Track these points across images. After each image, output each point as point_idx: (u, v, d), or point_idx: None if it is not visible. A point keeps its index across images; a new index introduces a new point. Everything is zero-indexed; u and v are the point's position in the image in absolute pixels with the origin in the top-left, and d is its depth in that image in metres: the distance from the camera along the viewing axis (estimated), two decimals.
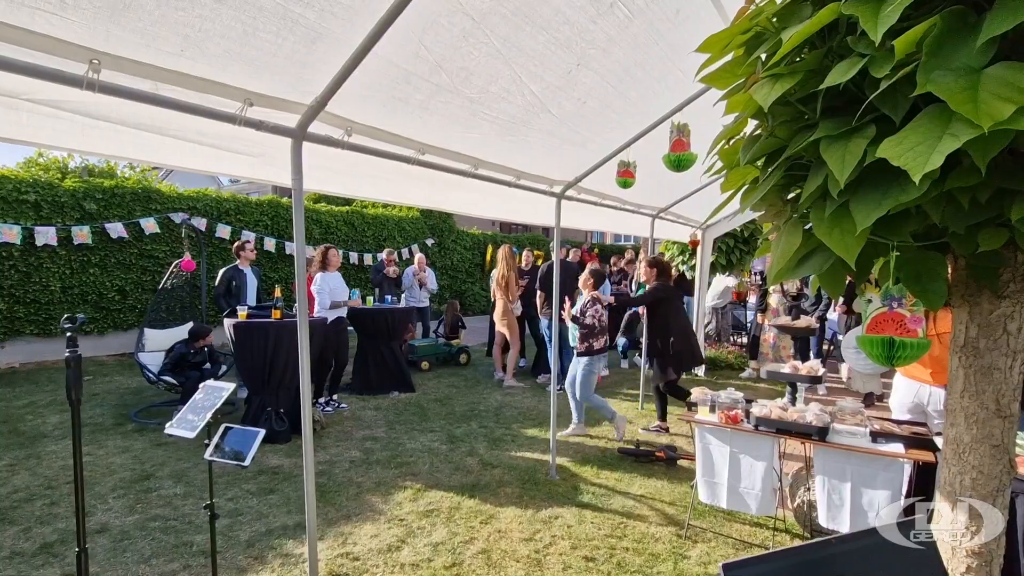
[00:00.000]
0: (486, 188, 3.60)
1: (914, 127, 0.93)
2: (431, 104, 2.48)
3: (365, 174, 3.09)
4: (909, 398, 3.03)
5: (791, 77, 1.15)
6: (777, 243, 1.31)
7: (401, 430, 5.20)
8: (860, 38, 1.06)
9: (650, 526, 3.40)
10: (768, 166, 1.36)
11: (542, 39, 2.24)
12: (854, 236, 1.08)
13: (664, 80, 2.87)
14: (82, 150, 2.04)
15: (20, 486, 3.79)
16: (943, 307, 1.29)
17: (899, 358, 1.28)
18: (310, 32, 1.84)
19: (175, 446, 4.56)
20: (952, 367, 1.37)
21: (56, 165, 9.58)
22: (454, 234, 14.60)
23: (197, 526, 3.28)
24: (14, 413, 5.52)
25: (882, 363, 1.33)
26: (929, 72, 0.90)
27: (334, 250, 6.15)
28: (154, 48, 1.70)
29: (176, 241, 8.86)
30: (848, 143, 1.06)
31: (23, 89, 1.71)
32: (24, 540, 3.10)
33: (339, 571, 2.86)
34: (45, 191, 7.79)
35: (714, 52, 1.42)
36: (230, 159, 2.53)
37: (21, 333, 7.73)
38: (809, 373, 3.42)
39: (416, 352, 7.85)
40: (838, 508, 2.81)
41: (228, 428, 2.36)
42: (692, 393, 3.42)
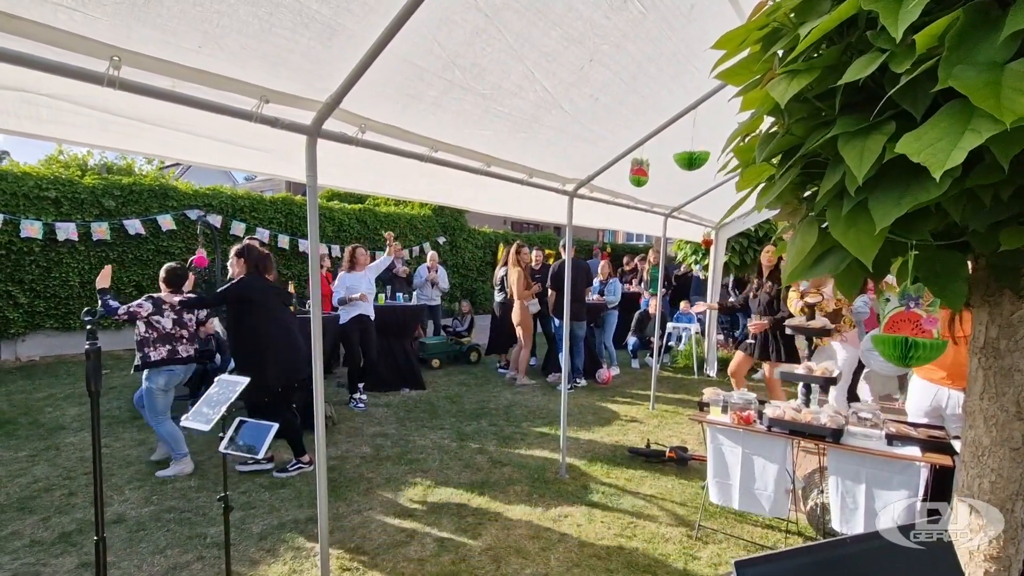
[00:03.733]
0: (498, 186, 3.60)
1: (934, 123, 0.91)
2: (444, 101, 2.49)
3: (378, 170, 3.10)
4: (927, 401, 2.98)
5: (809, 73, 1.14)
6: (793, 242, 1.30)
7: (411, 427, 5.23)
8: (880, 33, 1.04)
9: (660, 526, 3.39)
10: (784, 164, 1.35)
11: (555, 35, 2.24)
12: (872, 236, 1.06)
13: (678, 77, 2.85)
14: (101, 145, 2.08)
15: (40, 476, 3.87)
16: (963, 308, 1.27)
17: (914, 358, 1.26)
18: (326, 28, 1.85)
19: (189, 439, 4.61)
20: (971, 368, 1.35)
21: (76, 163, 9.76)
22: (465, 232, 14.63)
23: (211, 518, 3.32)
24: (34, 405, 5.64)
25: (896, 363, 1.31)
26: (951, 67, 0.88)
27: (361, 249, 6.08)
28: (173, 44, 1.72)
29: (192, 238, 8.99)
30: (866, 140, 1.05)
31: (44, 85, 1.74)
32: (43, 529, 3.17)
33: (349, 565, 2.89)
34: (65, 188, 7.94)
35: (730, 48, 1.41)
36: (245, 155, 2.56)
37: (41, 327, 7.89)
38: (824, 374, 3.38)
39: (427, 350, 7.89)
40: (852, 511, 2.78)
41: (242, 422, 2.39)
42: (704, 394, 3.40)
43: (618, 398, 6.50)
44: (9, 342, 7.77)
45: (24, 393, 6.12)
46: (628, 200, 4.78)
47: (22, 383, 6.58)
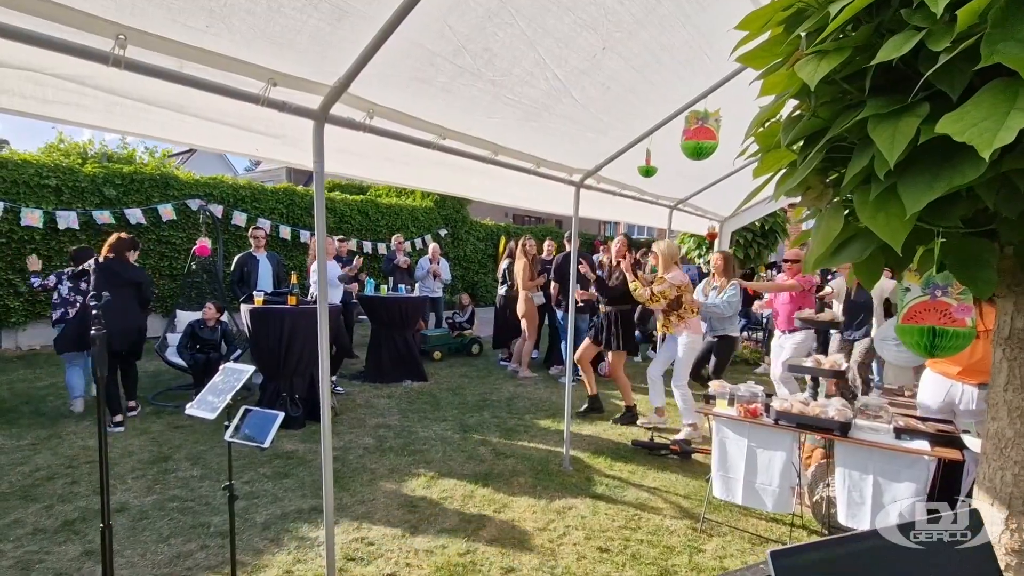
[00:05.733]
0: (505, 175, 3.56)
1: (976, 102, 0.88)
2: (453, 87, 2.45)
3: (385, 157, 3.07)
4: (940, 396, 2.94)
5: (839, 54, 1.10)
6: (817, 228, 1.27)
7: (414, 418, 5.22)
8: (915, 11, 1.01)
9: (665, 519, 3.38)
10: (807, 149, 1.31)
11: (568, 20, 2.20)
12: (902, 220, 1.03)
13: (691, 64, 2.81)
14: (106, 127, 2.04)
15: (42, 465, 3.86)
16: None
17: (941, 348, 1.24)
18: (335, 9, 1.81)
19: (191, 429, 4.62)
20: (995, 359, 1.32)
21: (76, 150, 9.68)
22: (467, 224, 14.59)
23: (214, 507, 3.31)
24: (35, 394, 5.62)
25: (922, 353, 1.29)
26: (994, 44, 0.85)
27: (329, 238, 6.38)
28: (180, 23, 1.68)
29: (192, 228, 8.95)
30: (898, 122, 1.02)
31: (49, 64, 1.71)
32: (47, 517, 3.16)
33: (354, 555, 2.88)
34: (66, 176, 7.90)
35: (752, 30, 1.37)
36: (252, 139, 2.52)
37: (42, 316, 7.86)
38: (832, 367, 3.36)
39: (428, 342, 7.87)
40: (858, 505, 2.76)
41: (248, 410, 2.37)
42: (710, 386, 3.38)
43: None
44: (10, 331, 7.75)
45: (26, 382, 6.10)
46: (634, 191, 4.74)
47: (23, 372, 6.56)
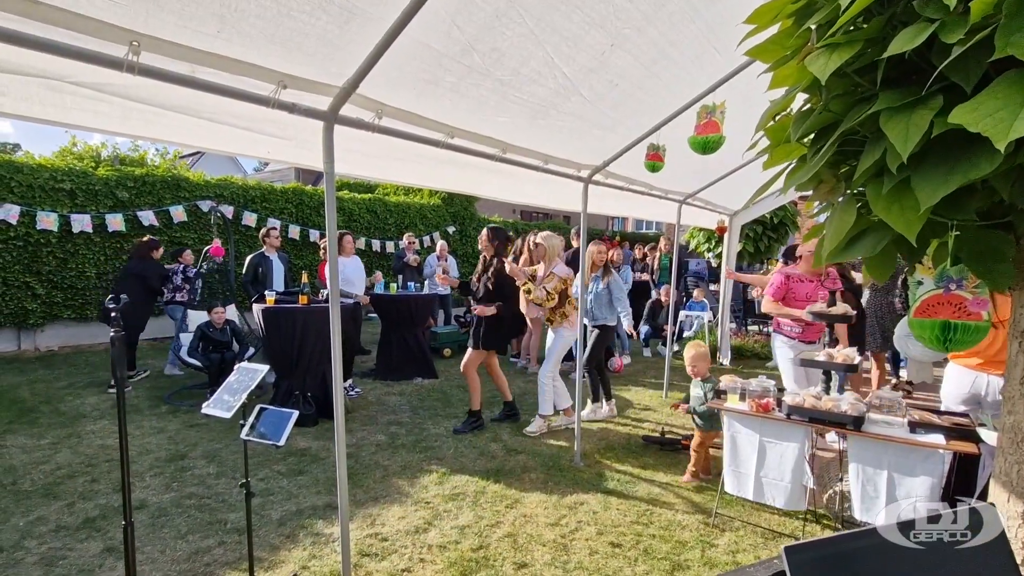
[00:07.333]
0: (514, 173, 3.57)
1: (991, 93, 0.87)
2: (462, 86, 2.46)
3: (395, 157, 3.08)
4: (965, 388, 2.90)
5: (850, 47, 1.10)
6: (830, 221, 1.27)
7: (425, 415, 5.25)
8: (928, 2, 1.00)
9: (676, 514, 3.38)
10: (818, 142, 1.31)
11: (576, 18, 2.19)
12: (916, 212, 1.03)
13: (699, 59, 2.80)
14: (122, 132, 2.07)
15: (63, 463, 3.94)
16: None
17: (956, 342, 1.23)
18: (343, 12, 1.82)
19: (207, 427, 4.68)
20: (1011, 352, 1.31)
21: (90, 154, 9.82)
22: (475, 221, 14.58)
23: (230, 504, 3.36)
24: (55, 394, 5.72)
25: (936, 347, 1.28)
26: (1009, 35, 0.84)
27: (348, 236, 6.37)
28: (191, 29, 1.70)
29: (204, 228, 9.04)
30: (912, 115, 1.01)
31: (67, 72, 1.74)
32: (68, 515, 3.22)
33: (368, 551, 2.91)
34: (80, 179, 8.00)
35: (762, 23, 1.37)
36: (263, 142, 2.55)
37: (59, 317, 7.99)
38: (845, 361, 3.34)
39: (438, 339, 7.90)
40: (872, 500, 2.74)
41: (263, 409, 2.40)
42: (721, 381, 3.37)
43: (631, 386, 6.49)
44: (28, 332, 7.88)
45: (45, 382, 6.21)
46: (643, 186, 4.72)
47: (42, 372, 6.68)
